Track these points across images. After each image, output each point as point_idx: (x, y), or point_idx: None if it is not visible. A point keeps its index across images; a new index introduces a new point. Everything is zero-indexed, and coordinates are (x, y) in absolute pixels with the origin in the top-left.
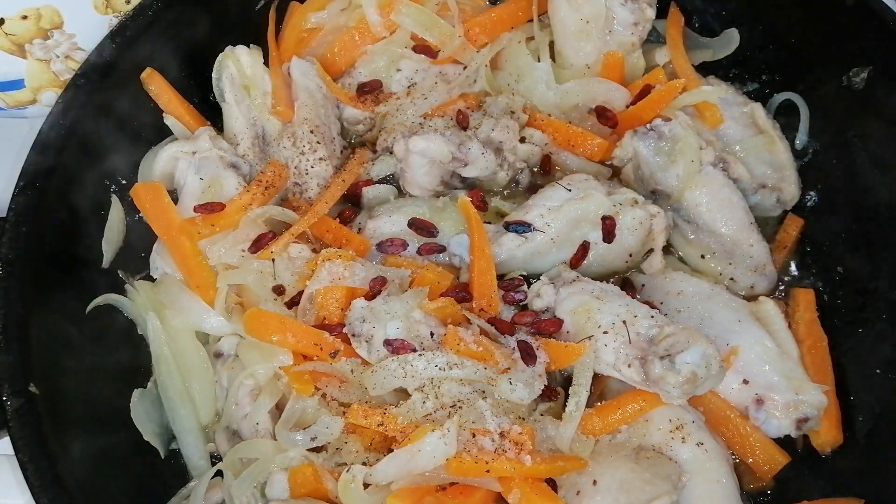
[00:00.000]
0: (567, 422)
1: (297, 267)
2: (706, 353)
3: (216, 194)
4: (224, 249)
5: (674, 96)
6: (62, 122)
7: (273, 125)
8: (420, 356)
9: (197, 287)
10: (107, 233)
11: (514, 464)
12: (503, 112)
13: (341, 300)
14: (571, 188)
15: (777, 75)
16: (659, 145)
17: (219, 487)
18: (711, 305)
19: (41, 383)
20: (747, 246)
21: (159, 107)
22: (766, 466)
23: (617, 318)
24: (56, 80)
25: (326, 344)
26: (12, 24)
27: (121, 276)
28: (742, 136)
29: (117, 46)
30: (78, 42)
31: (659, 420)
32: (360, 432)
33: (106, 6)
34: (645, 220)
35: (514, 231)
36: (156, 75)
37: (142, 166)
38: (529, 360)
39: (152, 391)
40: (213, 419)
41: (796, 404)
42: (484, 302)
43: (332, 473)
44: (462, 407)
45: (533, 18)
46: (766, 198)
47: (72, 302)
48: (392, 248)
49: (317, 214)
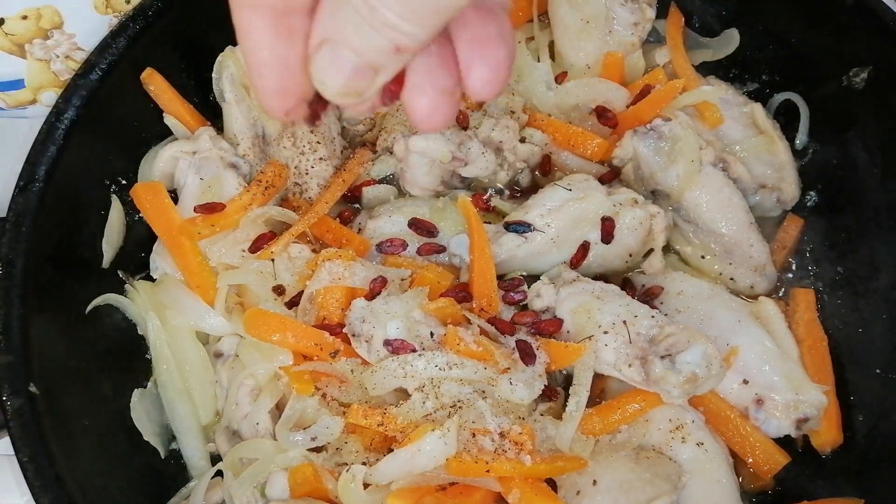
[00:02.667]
0: (567, 422)
1: (297, 267)
2: (707, 352)
3: (216, 194)
4: (224, 249)
5: (674, 96)
6: (62, 122)
7: (273, 125)
8: (420, 356)
9: (197, 287)
10: (107, 233)
11: (514, 464)
12: (503, 112)
13: (341, 300)
14: (571, 188)
15: (777, 75)
16: (659, 145)
17: (219, 487)
18: (711, 305)
19: (41, 383)
20: (747, 246)
21: (159, 107)
22: (766, 466)
23: (617, 317)
24: (56, 80)
25: (326, 344)
26: (12, 24)
27: (121, 276)
28: (742, 136)
29: (117, 46)
30: (78, 42)
31: (659, 420)
32: (360, 432)
33: (106, 6)
34: (645, 220)
35: (514, 231)
36: (156, 75)
37: (142, 166)
38: (529, 360)
39: (152, 391)
40: (213, 419)
41: (796, 404)
42: (484, 302)
43: (332, 473)
44: (462, 407)
45: (533, 18)
46: (766, 198)
47: (72, 302)
48: (392, 249)
49: (317, 214)
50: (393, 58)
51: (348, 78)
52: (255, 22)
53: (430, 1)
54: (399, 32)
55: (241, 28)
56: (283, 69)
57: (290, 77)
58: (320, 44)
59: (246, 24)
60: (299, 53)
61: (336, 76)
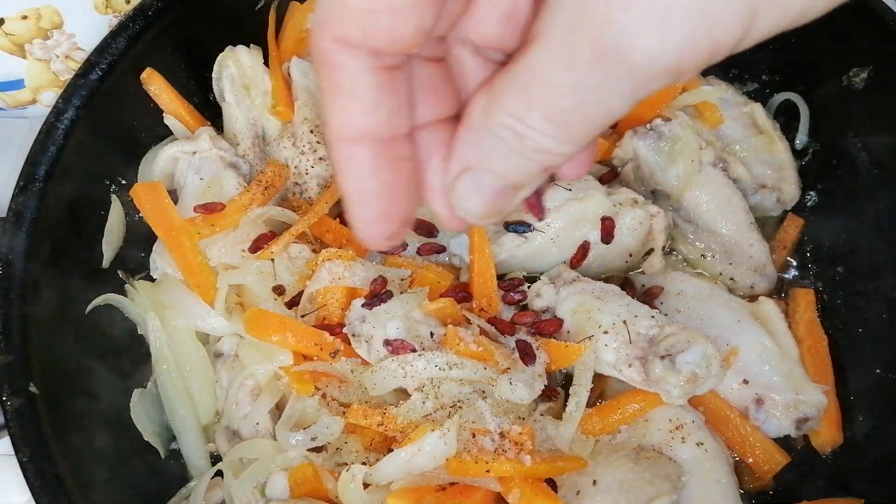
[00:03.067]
0: (567, 422)
1: (297, 267)
2: (707, 352)
3: (216, 194)
4: (224, 249)
5: (674, 96)
6: (62, 122)
7: (273, 125)
8: (420, 356)
9: (197, 287)
10: (107, 233)
11: (514, 464)
12: None
13: (341, 300)
14: (571, 188)
15: (777, 75)
16: (659, 145)
17: (219, 487)
18: (711, 305)
19: (41, 383)
20: (747, 246)
21: (159, 107)
22: (766, 466)
23: (617, 317)
24: (56, 80)
25: (326, 344)
26: (12, 24)
27: (121, 276)
28: (742, 136)
29: (117, 46)
30: (78, 42)
31: (659, 420)
32: (360, 432)
33: (106, 6)
34: (645, 220)
35: (514, 231)
36: (156, 75)
37: (142, 166)
38: (528, 359)
39: (152, 391)
40: (213, 419)
41: (796, 404)
42: (484, 302)
43: (332, 473)
44: (462, 407)
45: None
46: (766, 198)
47: (72, 302)
48: (392, 249)
49: (317, 214)
50: (540, 177)
51: (492, 201)
52: (358, 154)
53: (585, 119)
54: (551, 155)
55: (342, 162)
56: (389, 196)
57: (396, 203)
58: (462, 172)
59: (348, 157)
60: (404, 179)
61: (478, 202)
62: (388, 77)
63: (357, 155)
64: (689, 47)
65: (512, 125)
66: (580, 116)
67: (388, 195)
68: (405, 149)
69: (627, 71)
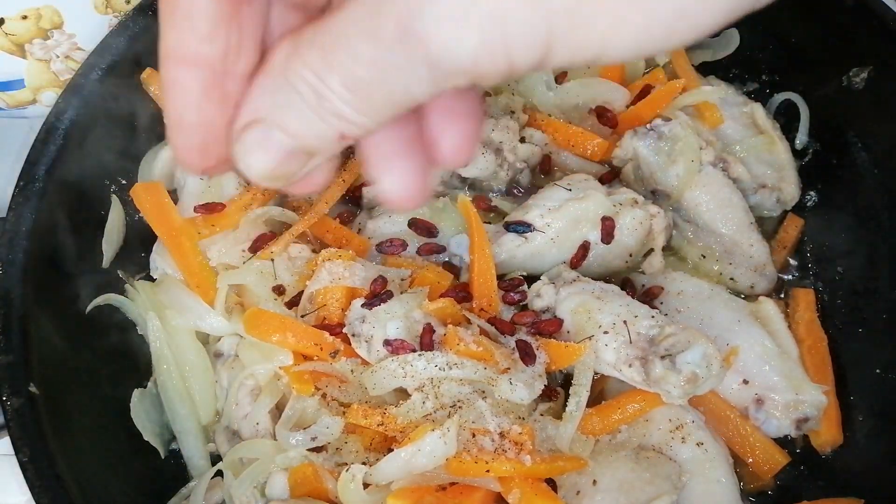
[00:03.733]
0: (567, 422)
1: (297, 267)
2: (707, 352)
3: (216, 194)
4: (224, 249)
5: (674, 96)
6: (62, 122)
7: None
8: (420, 356)
9: (197, 287)
10: (107, 233)
11: (514, 464)
12: (503, 112)
13: (341, 300)
14: (571, 188)
15: (777, 75)
16: (659, 145)
17: (219, 487)
18: (711, 305)
19: (41, 383)
20: (747, 246)
21: (159, 107)
22: (766, 466)
23: (617, 317)
24: (56, 80)
25: (326, 344)
26: (12, 24)
27: (121, 276)
28: (742, 136)
29: (117, 46)
30: (78, 42)
31: (659, 420)
32: (360, 432)
33: (106, 6)
34: (645, 221)
35: (514, 231)
36: (156, 75)
37: (142, 166)
38: (528, 359)
39: (152, 391)
40: (213, 419)
41: (796, 404)
42: (484, 302)
43: (332, 473)
44: (462, 407)
45: None
46: (766, 198)
47: (72, 302)
48: (392, 249)
49: (317, 214)
50: (335, 144)
51: (279, 161)
52: (186, 80)
53: (384, 94)
54: (348, 122)
55: (168, 83)
56: (208, 132)
57: (214, 140)
58: (250, 123)
59: (175, 80)
60: (228, 119)
61: (264, 159)
62: (232, 8)
63: (185, 80)
64: (486, 55)
65: (312, 82)
66: (379, 92)
67: (209, 132)
68: (237, 90)
69: (426, 58)
